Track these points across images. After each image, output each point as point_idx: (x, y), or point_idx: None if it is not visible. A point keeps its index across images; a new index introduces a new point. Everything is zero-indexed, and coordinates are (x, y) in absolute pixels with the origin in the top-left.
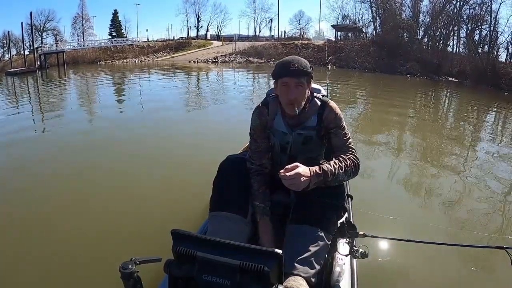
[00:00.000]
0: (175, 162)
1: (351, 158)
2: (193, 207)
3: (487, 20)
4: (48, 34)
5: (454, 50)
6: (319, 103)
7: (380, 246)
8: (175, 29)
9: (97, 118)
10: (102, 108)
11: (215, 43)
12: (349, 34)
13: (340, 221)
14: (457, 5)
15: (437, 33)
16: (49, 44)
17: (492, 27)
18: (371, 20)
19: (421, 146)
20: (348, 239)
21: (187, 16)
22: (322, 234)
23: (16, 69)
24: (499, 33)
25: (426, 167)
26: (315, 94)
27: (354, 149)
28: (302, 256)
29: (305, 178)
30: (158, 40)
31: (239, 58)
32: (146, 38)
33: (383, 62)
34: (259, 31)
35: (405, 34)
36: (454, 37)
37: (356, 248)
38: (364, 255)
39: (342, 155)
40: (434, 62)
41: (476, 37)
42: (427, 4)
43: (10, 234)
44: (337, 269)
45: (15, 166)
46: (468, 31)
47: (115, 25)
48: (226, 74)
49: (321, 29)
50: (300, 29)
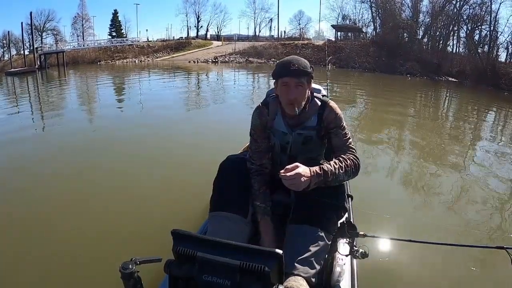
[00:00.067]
0: (175, 162)
1: (351, 158)
2: (193, 207)
3: (487, 20)
4: (48, 34)
5: (454, 50)
6: (319, 103)
7: (380, 246)
8: (175, 29)
9: (97, 118)
10: (102, 108)
11: (215, 43)
12: (349, 34)
13: (340, 221)
14: (457, 5)
15: (437, 33)
16: (49, 44)
17: (492, 27)
18: (371, 20)
19: (421, 146)
20: (348, 239)
21: (187, 16)
22: (322, 234)
23: (16, 69)
24: (499, 33)
25: (426, 166)
26: (315, 94)
27: (354, 149)
28: (302, 256)
29: (305, 178)
30: (158, 40)
31: (239, 58)
32: (146, 38)
33: (383, 62)
34: (259, 31)
35: (405, 34)
36: (454, 37)
37: (356, 248)
38: (364, 255)
39: (342, 155)
40: (434, 62)
41: (476, 37)
42: (427, 4)
43: (10, 234)
44: (337, 269)
45: (15, 166)
46: (468, 31)
47: (115, 25)
48: (226, 74)
49: (321, 29)
50: (300, 29)
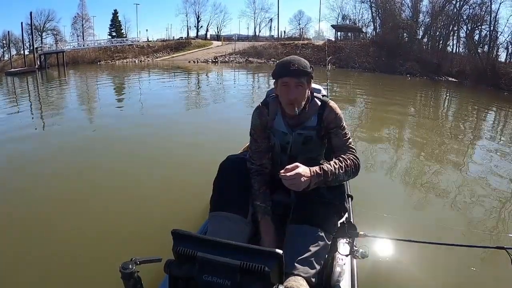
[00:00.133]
0: (175, 162)
1: (351, 158)
2: (193, 207)
3: (487, 20)
4: (48, 34)
5: (454, 50)
6: (319, 103)
7: (380, 246)
8: (175, 29)
9: (97, 118)
10: (102, 108)
11: (215, 43)
12: (349, 34)
13: (340, 221)
14: (457, 5)
15: (437, 33)
16: (49, 44)
17: (492, 27)
18: (371, 20)
19: (421, 145)
20: (348, 239)
21: (187, 16)
22: (323, 234)
23: (16, 69)
24: (499, 33)
25: (426, 166)
26: (315, 94)
27: (355, 149)
28: (302, 256)
29: (305, 178)
30: (158, 40)
31: (239, 58)
32: (146, 38)
33: (383, 62)
34: (259, 31)
35: (404, 34)
36: (454, 37)
37: (356, 248)
38: (364, 255)
39: (342, 155)
40: (434, 62)
41: (476, 37)
42: (426, 4)
43: (10, 234)
44: (338, 269)
45: (15, 166)
46: (468, 31)
47: (115, 25)
48: (226, 74)
49: (321, 29)
50: (300, 29)
